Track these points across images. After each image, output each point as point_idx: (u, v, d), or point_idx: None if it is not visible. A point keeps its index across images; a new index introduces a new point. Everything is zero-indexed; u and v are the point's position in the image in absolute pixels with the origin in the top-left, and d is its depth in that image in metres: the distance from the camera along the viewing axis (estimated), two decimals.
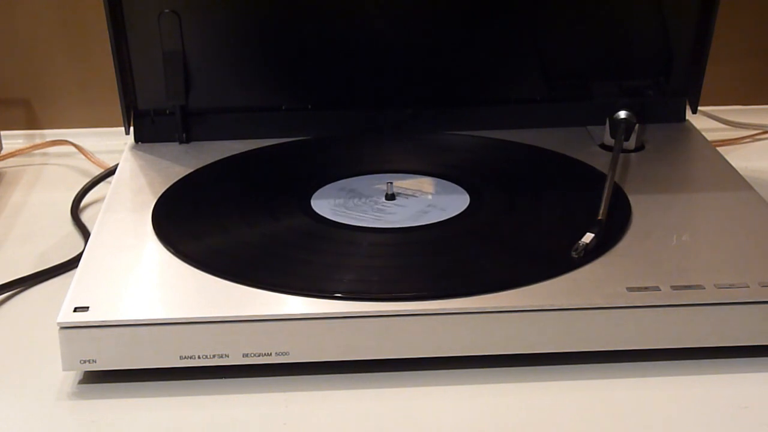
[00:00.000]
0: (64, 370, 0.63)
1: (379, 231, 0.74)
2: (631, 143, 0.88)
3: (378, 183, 0.82)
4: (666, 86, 0.94)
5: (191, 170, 0.85)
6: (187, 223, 0.75)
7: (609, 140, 0.89)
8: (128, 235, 0.73)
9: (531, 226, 0.75)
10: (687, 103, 0.95)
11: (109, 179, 0.93)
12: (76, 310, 0.63)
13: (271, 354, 0.63)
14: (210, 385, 0.63)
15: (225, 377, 0.63)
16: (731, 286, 0.64)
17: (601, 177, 0.79)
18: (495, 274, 0.66)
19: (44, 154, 1.05)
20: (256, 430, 0.60)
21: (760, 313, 0.63)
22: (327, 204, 0.78)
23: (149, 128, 0.92)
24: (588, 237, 0.68)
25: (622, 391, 0.62)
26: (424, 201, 0.78)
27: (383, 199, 0.79)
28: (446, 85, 0.94)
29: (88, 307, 0.63)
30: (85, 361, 0.62)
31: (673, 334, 0.64)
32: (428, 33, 0.93)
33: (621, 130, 0.87)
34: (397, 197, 0.79)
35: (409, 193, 0.80)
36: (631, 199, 0.77)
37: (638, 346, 0.64)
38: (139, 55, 0.90)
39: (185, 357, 0.62)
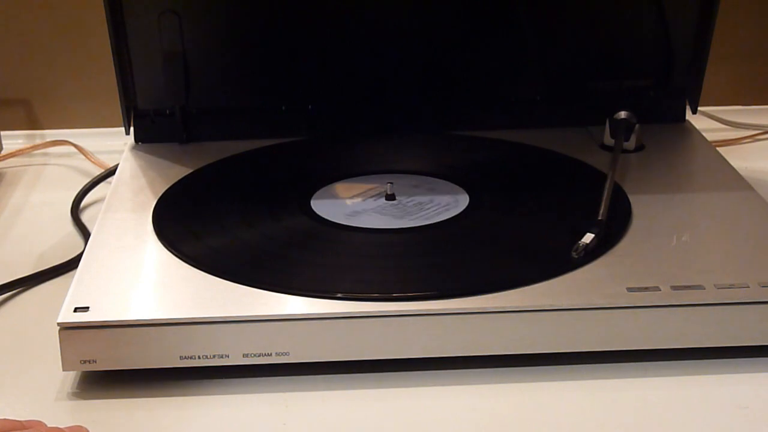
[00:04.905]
0: (64, 370, 0.63)
1: (378, 231, 0.73)
2: (631, 143, 0.88)
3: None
4: (666, 86, 0.94)
5: (191, 170, 0.85)
6: (187, 223, 0.75)
7: (609, 140, 0.88)
8: (128, 235, 0.73)
9: (531, 226, 0.75)
10: (687, 103, 0.95)
11: (109, 179, 0.93)
12: (76, 310, 0.63)
13: (271, 354, 0.63)
14: (210, 385, 0.63)
15: (225, 377, 0.63)
16: (731, 286, 0.64)
17: (601, 177, 0.79)
18: (495, 274, 0.66)
19: (44, 154, 1.05)
20: (256, 430, 0.60)
21: (760, 313, 0.63)
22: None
23: (149, 128, 0.92)
24: (588, 237, 0.68)
25: (622, 391, 0.62)
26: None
27: (383, 199, 0.79)
28: (446, 86, 0.94)
29: (88, 307, 0.63)
30: (85, 361, 0.62)
31: (673, 334, 0.64)
32: (428, 33, 0.93)
33: (621, 130, 0.87)
34: (397, 197, 0.79)
35: (409, 193, 0.80)
36: (631, 199, 0.77)
37: (638, 346, 0.64)
38: (139, 55, 0.90)
39: (185, 357, 0.62)
